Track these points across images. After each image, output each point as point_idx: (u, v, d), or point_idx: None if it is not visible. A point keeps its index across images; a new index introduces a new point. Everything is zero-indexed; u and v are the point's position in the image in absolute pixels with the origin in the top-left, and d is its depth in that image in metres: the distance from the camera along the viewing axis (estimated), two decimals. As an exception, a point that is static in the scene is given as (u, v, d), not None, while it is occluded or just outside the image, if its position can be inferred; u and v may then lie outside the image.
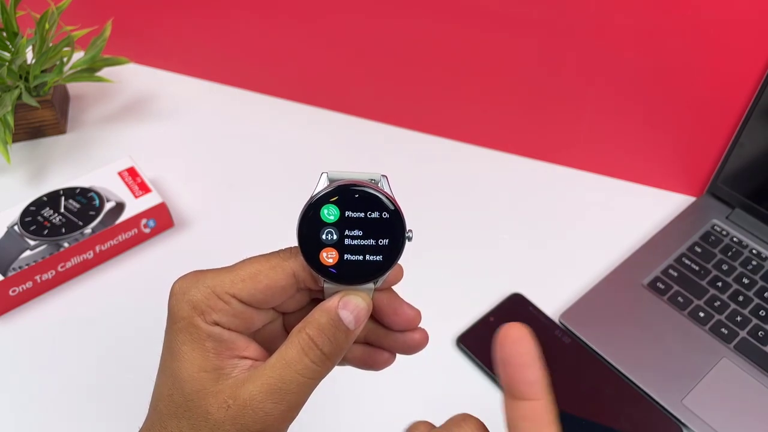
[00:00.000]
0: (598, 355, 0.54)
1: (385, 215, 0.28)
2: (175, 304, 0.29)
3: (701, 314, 0.57)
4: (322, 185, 0.29)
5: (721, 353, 0.54)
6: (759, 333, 0.55)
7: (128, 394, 0.51)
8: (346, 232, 0.28)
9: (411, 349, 0.33)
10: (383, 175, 0.29)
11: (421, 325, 0.33)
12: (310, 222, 0.28)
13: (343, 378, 0.35)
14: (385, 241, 0.28)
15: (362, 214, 0.28)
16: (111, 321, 0.57)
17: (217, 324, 0.29)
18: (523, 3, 0.61)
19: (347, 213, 0.28)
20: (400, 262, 0.29)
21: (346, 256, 0.28)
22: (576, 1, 0.59)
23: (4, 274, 0.55)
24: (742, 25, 0.55)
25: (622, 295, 0.58)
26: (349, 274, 0.29)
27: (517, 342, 0.26)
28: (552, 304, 0.58)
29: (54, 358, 0.54)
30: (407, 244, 0.29)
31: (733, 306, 0.57)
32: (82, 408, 0.51)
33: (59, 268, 0.58)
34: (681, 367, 0.53)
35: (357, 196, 0.28)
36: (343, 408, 0.51)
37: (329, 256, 0.28)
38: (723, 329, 0.55)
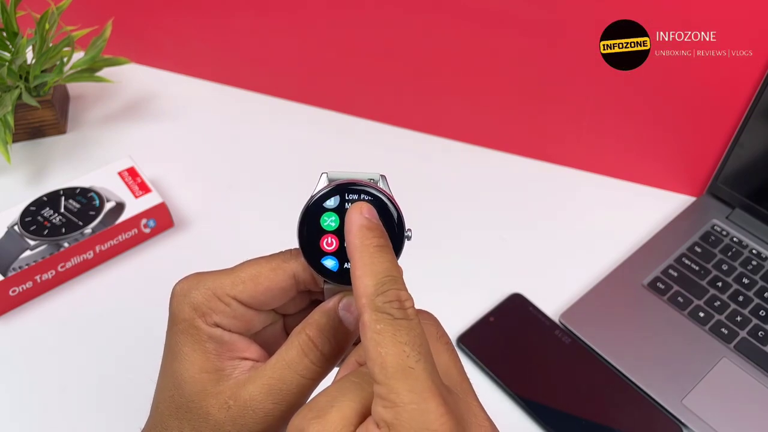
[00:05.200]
0: (598, 355, 0.54)
1: (385, 215, 0.28)
2: (176, 305, 0.29)
3: (701, 314, 0.57)
4: (321, 185, 0.29)
5: (721, 353, 0.54)
6: (759, 333, 0.55)
7: (128, 394, 0.51)
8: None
9: None
10: (382, 175, 0.30)
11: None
12: (310, 222, 0.28)
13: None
14: None
15: None
16: (111, 321, 0.57)
17: (217, 325, 0.29)
18: (523, 2, 0.61)
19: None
20: (399, 262, 0.29)
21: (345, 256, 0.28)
22: (576, 1, 0.59)
23: (4, 274, 0.55)
24: (743, 24, 0.55)
25: (622, 295, 0.58)
26: (349, 275, 0.29)
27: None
28: (552, 304, 0.58)
29: (54, 358, 0.54)
30: (406, 243, 0.29)
31: (733, 306, 0.57)
32: (83, 408, 0.51)
33: (59, 268, 0.58)
34: (681, 367, 0.53)
35: (356, 195, 0.28)
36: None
37: (329, 257, 0.28)
38: (723, 329, 0.55)
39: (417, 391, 0.22)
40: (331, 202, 0.28)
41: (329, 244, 0.28)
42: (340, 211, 0.28)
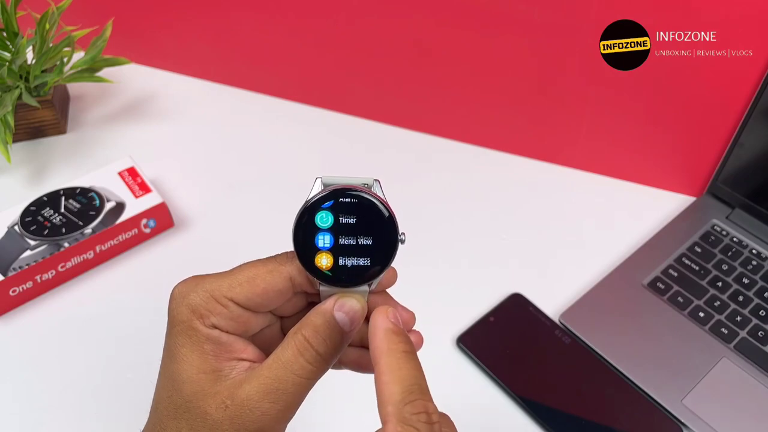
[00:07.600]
0: (598, 355, 0.54)
1: (379, 219, 0.29)
2: (175, 307, 0.29)
3: (701, 314, 0.57)
4: (316, 190, 0.29)
5: (721, 353, 0.54)
6: (759, 333, 0.55)
7: (128, 394, 0.51)
8: (341, 236, 0.29)
9: None
10: (376, 180, 0.30)
11: (421, 324, 0.33)
12: (305, 227, 0.29)
13: (340, 379, 0.35)
14: (379, 245, 0.29)
15: (356, 218, 0.28)
16: (111, 321, 0.57)
17: (215, 327, 0.29)
18: (524, 3, 0.61)
19: (341, 217, 0.29)
20: (394, 264, 0.30)
21: (340, 259, 0.29)
22: (576, 2, 0.59)
23: (4, 274, 0.56)
24: (743, 24, 0.55)
25: (622, 295, 0.58)
26: (344, 277, 0.29)
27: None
28: (552, 304, 0.58)
29: (54, 358, 0.54)
30: (401, 246, 0.29)
31: (733, 306, 0.57)
32: (83, 408, 0.51)
33: (59, 268, 0.58)
34: (681, 367, 0.53)
35: (350, 200, 0.29)
36: (340, 409, 0.51)
37: (324, 260, 0.29)
38: (723, 329, 0.55)
39: None
40: (326, 207, 0.29)
41: (324, 248, 0.29)
42: (335, 215, 0.29)
